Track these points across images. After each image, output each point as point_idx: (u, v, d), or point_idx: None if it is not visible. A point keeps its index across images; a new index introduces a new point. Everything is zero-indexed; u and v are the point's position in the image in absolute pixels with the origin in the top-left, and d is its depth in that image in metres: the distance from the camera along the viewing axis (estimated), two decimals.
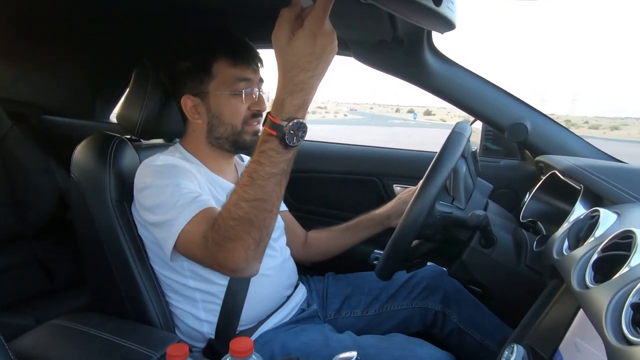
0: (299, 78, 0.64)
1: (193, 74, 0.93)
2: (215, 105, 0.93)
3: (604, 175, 0.80)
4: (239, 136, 0.95)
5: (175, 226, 0.80)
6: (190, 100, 0.94)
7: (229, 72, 0.92)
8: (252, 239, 0.70)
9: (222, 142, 0.96)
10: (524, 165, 1.35)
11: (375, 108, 54.88)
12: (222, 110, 0.93)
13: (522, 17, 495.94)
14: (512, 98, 1.21)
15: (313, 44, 0.63)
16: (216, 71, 0.92)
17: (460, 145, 0.89)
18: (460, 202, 0.93)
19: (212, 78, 0.92)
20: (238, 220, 0.69)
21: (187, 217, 0.80)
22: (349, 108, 64.54)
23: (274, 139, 0.67)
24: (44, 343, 0.84)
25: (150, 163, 0.91)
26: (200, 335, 0.95)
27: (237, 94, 0.92)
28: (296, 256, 1.14)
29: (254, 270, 0.75)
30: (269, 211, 0.70)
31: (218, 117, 0.94)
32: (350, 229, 1.17)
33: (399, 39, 1.13)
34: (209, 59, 0.92)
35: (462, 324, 1.07)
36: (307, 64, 0.64)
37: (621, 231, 0.57)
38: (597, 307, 0.47)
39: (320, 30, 0.63)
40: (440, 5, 0.59)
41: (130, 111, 0.99)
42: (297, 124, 0.66)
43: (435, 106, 55.06)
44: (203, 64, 0.92)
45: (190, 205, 0.81)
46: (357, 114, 47.62)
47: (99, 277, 0.98)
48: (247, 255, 0.71)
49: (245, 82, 0.93)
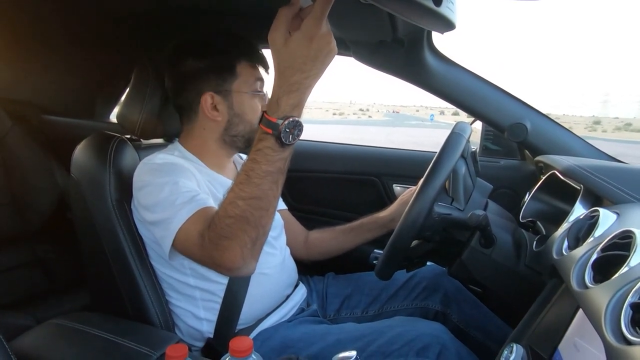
0: (294, 78, 0.65)
1: (216, 73, 0.94)
2: (239, 103, 0.96)
3: (604, 175, 0.80)
4: (254, 134, 0.96)
5: (173, 224, 0.80)
6: (210, 98, 0.95)
7: (250, 73, 0.96)
8: (249, 238, 0.70)
9: (237, 139, 0.98)
10: (523, 165, 1.35)
11: (420, 110, 54.81)
12: (244, 109, 0.96)
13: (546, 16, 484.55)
14: (511, 98, 1.21)
15: (309, 46, 0.63)
16: (239, 71, 0.95)
17: (459, 146, 0.89)
18: (460, 203, 0.93)
19: (236, 77, 0.95)
20: (234, 218, 0.70)
21: (185, 215, 0.80)
22: (392, 110, 64.70)
23: (270, 137, 0.67)
24: (44, 343, 0.84)
25: (149, 161, 0.91)
26: (199, 334, 0.95)
27: (258, 94, 0.97)
28: (297, 255, 1.14)
29: (251, 269, 0.75)
30: (265, 210, 0.70)
31: (240, 115, 0.96)
32: (354, 230, 1.17)
33: (399, 39, 1.13)
34: (233, 59, 0.95)
35: (462, 324, 1.07)
36: (302, 65, 0.64)
37: (621, 231, 0.57)
38: (596, 307, 0.47)
39: (317, 32, 0.63)
40: (440, 6, 0.59)
41: (131, 111, 0.99)
42: (292, 122, 0.66)
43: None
44: (228, 63, 0.95)
45: (188, 204, 0.81)
46: (389, 116, 48.04)
47: (99, 277, 0.98)
48: (243, 253, 0.71)
49: (261, 82, 0.97)
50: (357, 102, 31.70)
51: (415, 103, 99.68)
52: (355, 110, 55.46)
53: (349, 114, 47.90)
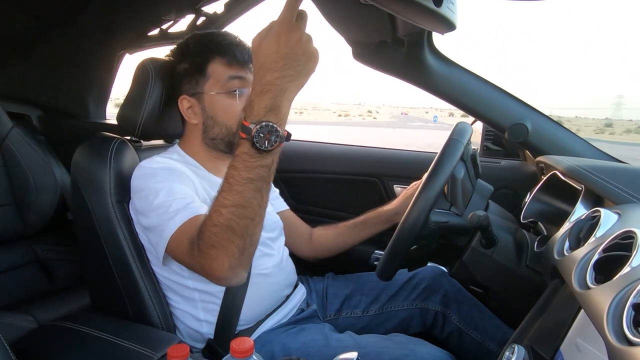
0: (266, 78, 0.63)
1: (189, 75, 0.94)
2: (210, 105, 0.94)
3: (605, 176, 0.80)
4: (235, 137, 0.94)
5: (166, 231, 0.80)
6: (186, 101, 0.96)
7: (222, 72, 0.92)
8: (236, 247, 0.68)
9: (217, 142, 0.97)
10: (524, 166, 1.35)
11: (430, 112, 54.93)
12: (216, 111, 0.94)
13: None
14: (512, 98, 1.21)
15: (277, 42, 0.62)
16: (210, 71, 0.93)
17: (456, 153, 0.88)
18: (458, 208, 0.92)
19: (207, 78, 0.93)
20: (219, 227, 0.67)
21: (177, 223, 0.79)
22: (401, 112, 64.84)
23: (245, 142, 0.65)
24: (44, 343, 0.84)
25: (146, 165, 0.91)
26: (199, 335, 0.95)
27: (232, 94, 0.92)
28: (302, 253, 1.14)
29: (240, 278, 0.73)
30: (250, 219, 0.67)
31: (212, 117, 0.95)
32: (358, 225, 1.17)
33: (399, 40, 1.13)
34: (204, 60, 0.93)
35: (462, 325, 1.07)
36: (273, 63, 0.63)
37: (622, 231, 0.56)
38: (598, 307, 0.47)
39: (286, 30, 0.62)
40: (441, 6, 0.59)
41: (131, 112, 0.99)
42: (266, 127, 0.63)
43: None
44: (198, 65, 0.93)
45: (182, 211, 0.80)
46: (395, 118, 48.38)
47: (100, 278, 0.98)
48: (231, 263, 0.68)
49: (239, 80, 0.93)
50: (367, 103, 31.85)
51: (425, 105, 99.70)
52: (363, 112, 55.57)
53: (354, 116, 47.99)
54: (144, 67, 0.99)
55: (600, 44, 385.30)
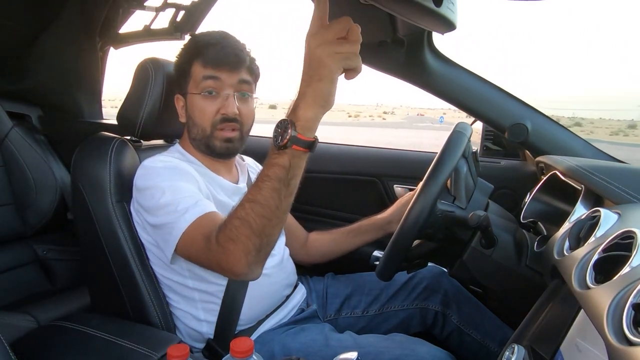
0: (301, 85, 0.64)
1: (179, 75, 0.97)
2: (190, 105, 0.95)
3: (605, 176, 0.80)
4: (209, 140, 0.95)
5: (176, 229, 0.80)
6: (178, 100, 0.98)
7: (199, 72, 0.93)
8: (252, 245, 0.69)
9: (197, 143, 0.97)
10: (524, 166, 1.35)
11: (448, 113, 54.95)
12: (193, 111, 0.95)
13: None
14: (512, 98, 1.21)
15: (307, 43, 0.62)
16: (192, 72, 0.94)
17: (462, 145, 0.89)
18: (462, 202, 0.92)
19: (190, 79, 0.94)
20: (240, 220, 0.69)
21: (188, 220, 0.79)
22: (417, 113, 65.04)
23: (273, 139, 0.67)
24: (44, 343, 0.84)
25: (150, 164, 0.91)
26: (199, 335, 0.95)
27: (204, 95, 0.92)
28: (296, 257, 1.14)
29: (256, 274, 0.74)
30: (267, 219, 0.68)
31: (191, 117, 0.96)
32: (352, 232, 1.17)
33: (399, 40, 1.13)
34: (187, 60, 0.95)
35: (462, 325, 1.07)
36: (303, 64, 0.63)
37: (622, 231, 0.56)
38: (598, 307, 0.47)
39: (311, 32, 0.62)
40: (441, 6, 0.59)
41: (131, 112, 0.99)
42: (284, 123, 0.65)
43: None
44: (184, 65, 0.95)
45: (192, 208, 0.80)
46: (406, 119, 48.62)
47: (100, 278, 0.98)
48: (247, 259, 0.70)
49: (213, 81, 0.92)
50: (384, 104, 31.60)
51: (444, 106, 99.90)
52: (374, 113, 55.31)
53: (364, 117, 47.99)
54: (144, 67, 0.99)
55: (629, 46, 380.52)
